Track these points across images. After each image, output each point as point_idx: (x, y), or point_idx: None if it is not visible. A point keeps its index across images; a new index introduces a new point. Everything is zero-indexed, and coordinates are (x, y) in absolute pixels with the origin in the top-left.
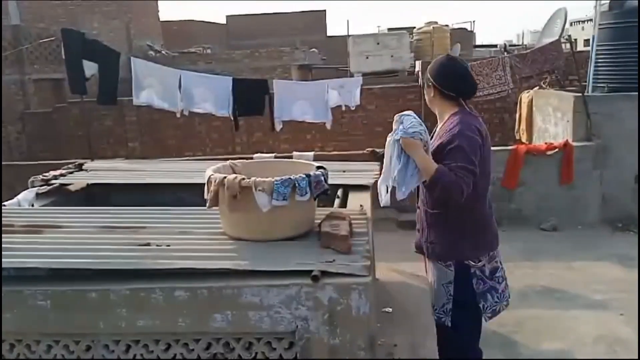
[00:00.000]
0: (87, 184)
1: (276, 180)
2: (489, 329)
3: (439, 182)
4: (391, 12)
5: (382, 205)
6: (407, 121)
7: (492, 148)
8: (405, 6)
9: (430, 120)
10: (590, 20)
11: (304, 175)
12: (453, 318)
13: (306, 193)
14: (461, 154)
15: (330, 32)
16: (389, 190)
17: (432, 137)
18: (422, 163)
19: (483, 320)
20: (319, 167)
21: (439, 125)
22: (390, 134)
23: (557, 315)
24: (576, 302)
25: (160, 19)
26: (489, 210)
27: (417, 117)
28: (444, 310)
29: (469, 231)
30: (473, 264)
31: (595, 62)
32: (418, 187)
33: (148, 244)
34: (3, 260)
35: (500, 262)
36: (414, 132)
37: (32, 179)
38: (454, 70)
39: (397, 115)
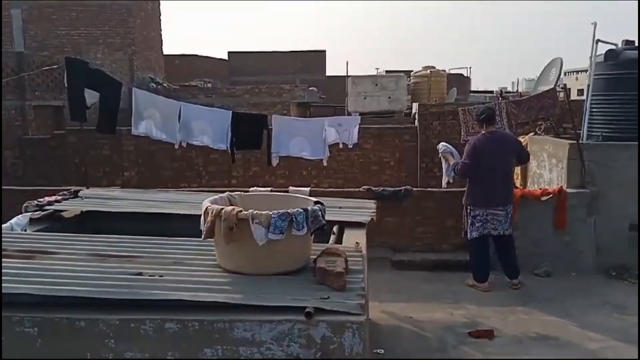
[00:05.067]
0: (82, 211)
1: (273, 214)
2: None
3: (453, 167)
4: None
5: (448, 182)
6: (441, 146)
7: None
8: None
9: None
10: (584, 70)
11: (302, 210)
12: (465, 232)
13: (303, 227)
14: (464, 155)
15: (329, 72)
16: (445, 181)
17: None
18: (450, 161)
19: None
20: (316, 202)
21: None
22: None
23: None
24: (570, 351)
25: (164, 53)
26: (487, 187)
27: (446, 143)
28: (463, 228)
29: (469, 192)
30: (468, 208)
31: (590, 111)
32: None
33: (140, 274)
34: None
35: (484, 214)
36: (444, 149)
37: (26, 204)
38: (483, 111)
39: (438, 145)
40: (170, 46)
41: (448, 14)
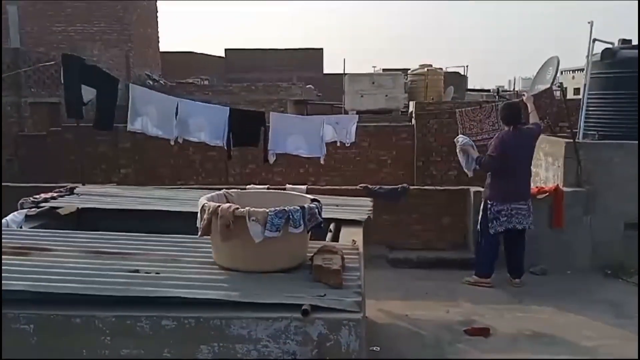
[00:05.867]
0: (78, 208)
1: (270, 211)
2: None
3: (477, 161)
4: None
5: (469, 176)
6: (462, 139)
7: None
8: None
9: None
10: (581, 69)
11: (298, 207)
12: (480, 226)
13: (300, 225)
14: (490, 149)
15: (326, 69)
16: (467, 170)
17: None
18: (472, 154)
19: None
20: (313, 200)
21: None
22: (457, 148)
23: None
24: (566, 348)
25: (160, 50)
26: (512, 182)
27: (464, 136)
28: (477, 221)
29: (490, 186)
30: (490, 203)
31: (586, 110)
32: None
33: (137, 271)
34: None
35: (509, 209)
36: (465, 142)
37: (22, 200)
38: (508, 108)
39: (455, 138)
40: (167, 43)
41: (445, 12)
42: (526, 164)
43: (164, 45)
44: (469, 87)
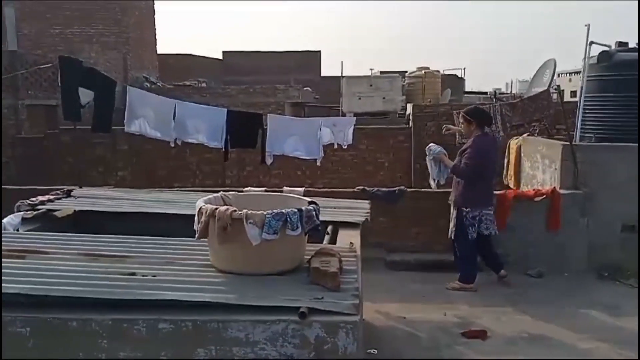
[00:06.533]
0: (75, 211)
1: (268, 214)
2: None
3: (453, 169)
4: (384, 56)
5: (432, 189)
6: (434, 148)
7: None
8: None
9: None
10: (578, 72)
11: (296, 210)
12: (456, 235)
13: (297, 228)
14: (469, 155)
15: (324, 72)
16: (435, 181)
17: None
18: (447, 163)
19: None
20: (310, 203)
21: (468, 142)
22: (427, 157)
23: None
24: (563, 351)
25: (158, 52)
26: (486, 186)
27: (436, 144)
28: (451, 230)
29: (465, 193)
30: (465, 210)
31: (583, 113)
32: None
33: (133, 274)
34: None
35: (480, 214)
36: (439, 151)
37: (18, 203)
38: (485, 112)
39: (427, 147)
40: (165, 45)
41: (443, 15)
42: (493, 170)
43: (160, 45)
44: (467, 89)
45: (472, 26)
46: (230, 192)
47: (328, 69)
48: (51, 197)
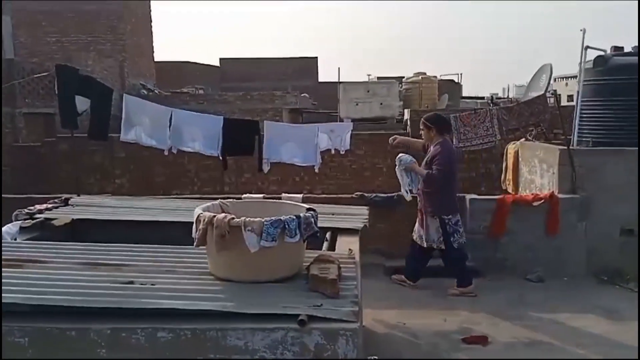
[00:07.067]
0: (72, 219)
1: (266, 221)
2: None
3: (427, 177)
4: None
5: (407, 200)
6: (405, 157)
7: (480, 197)
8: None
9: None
10: (574, 76)
11: (294, 217)
12: (447, 243)
13: (296, 235)
14: (439, 162)
15: (321, 78)
16: (408, 192)
17: (427, 153)
18: (420, 172)
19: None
20: (309, 209)
21: (431, 148)
22: (396, 167)
23: None
24: (561, 355)
25: (155, 59)
26: (456, 191)
27: (406, 154)
28: (440, 241)
29: (442, 200)
30: (446, 218)
31: (580, 117)
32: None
33: (132, 282)
34: None
35: (459, 217)
36: (410, 160)
37: (16, 212)
38: (444, 119)
39: (397, 158)
40: (163, 48)
41: (440, 20)
42: (457, 175)
43: (158, 47)
44: (464, 94)
45: (467, 34)
46: (229, 200)
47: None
48: (49, 205)
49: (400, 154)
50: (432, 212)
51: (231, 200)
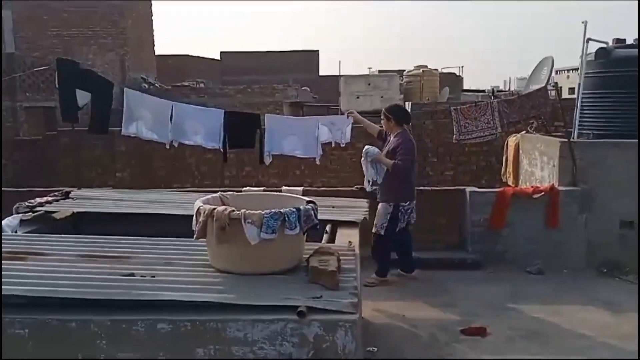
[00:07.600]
0: (73, 212)
1: (266, 213)
2: None
3: (394, 167)
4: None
5: (368, 191)
6: (372, 150)
7: (480, 190)
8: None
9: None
10: (575, 69)
11: (294, 209)
12: (386, 230)
13: (296, 227)
14: (403, 151)
15: (322, 71)
16: (371, 182)
17: (387, 143)
18: (386, 163)
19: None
20: (309, 202)
21: (391, 138)
22: (362, 159)
23: None
24: (561, 347)
25: (156, 53)
26: (414, 179)
27: (372, 146)
28: (382, 226)
29: (402, 188)
30: (403, 205)
31: (581, 110)
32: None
33: (132, 274)
34: None
35: (412, 206)
36: (377, 152)
37: (17, 205)
38: (404, 110)
39: (363, 150)
40: (163, 45)
41: (440, 13)
42: (416, 164)
43: (159, 46)
44: (465, 87)
45: (468, 26)
46: (229, 192)
47: (327, 67)
48: (49, 198)
49: (366, 147)
50: (389, 200)
51: (231, 192)
